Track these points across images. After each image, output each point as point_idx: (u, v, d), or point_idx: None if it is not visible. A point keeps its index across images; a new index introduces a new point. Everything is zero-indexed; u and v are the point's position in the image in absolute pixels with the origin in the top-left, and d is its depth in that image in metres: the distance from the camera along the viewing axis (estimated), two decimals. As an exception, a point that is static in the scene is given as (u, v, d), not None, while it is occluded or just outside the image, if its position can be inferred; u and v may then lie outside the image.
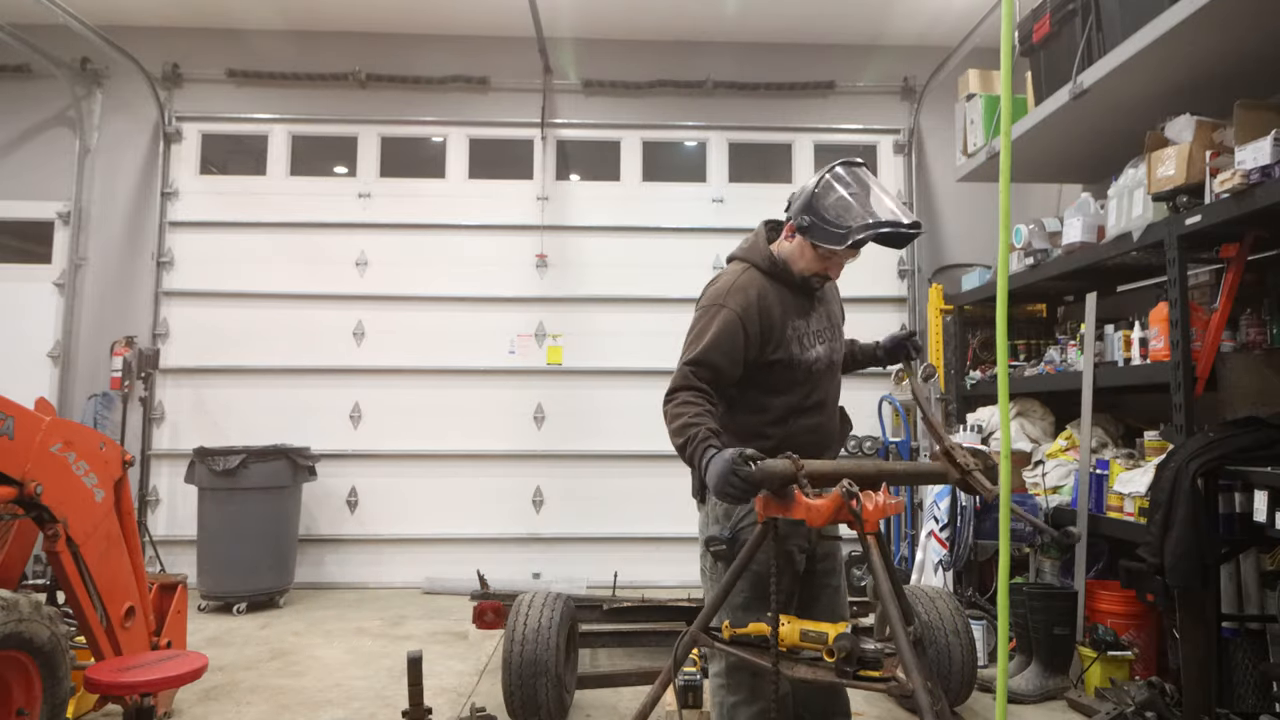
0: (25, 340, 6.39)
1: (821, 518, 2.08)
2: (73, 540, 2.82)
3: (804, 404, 2.44)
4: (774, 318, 2.37)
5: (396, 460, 6.45)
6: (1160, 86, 3.98)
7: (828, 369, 2.49)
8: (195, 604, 5.38)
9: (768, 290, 2.40)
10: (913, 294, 6.67)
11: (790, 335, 2.40)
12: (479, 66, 6.75)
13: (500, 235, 6.65)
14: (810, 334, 2.45)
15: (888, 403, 6.13)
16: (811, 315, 2.48)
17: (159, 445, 6.42)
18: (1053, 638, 3.81)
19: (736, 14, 6.38)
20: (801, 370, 2.41)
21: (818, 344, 2.46)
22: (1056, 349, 4.80)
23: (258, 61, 6.67)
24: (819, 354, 2.45)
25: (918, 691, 1.88)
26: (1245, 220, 3.30)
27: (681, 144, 7.03)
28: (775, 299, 2.40)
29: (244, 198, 6.66)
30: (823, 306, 2.55)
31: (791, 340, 2.40)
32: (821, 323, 2.51)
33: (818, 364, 2.44)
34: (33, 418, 2.75)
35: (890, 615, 1.99)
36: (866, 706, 3.69)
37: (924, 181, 6.86)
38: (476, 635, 4.67)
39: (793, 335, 2.41)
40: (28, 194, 6.53)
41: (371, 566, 6.37)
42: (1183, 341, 3.55)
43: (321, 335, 6.52)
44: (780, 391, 2.41)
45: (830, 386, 2.52)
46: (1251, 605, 3.40)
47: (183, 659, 2.95)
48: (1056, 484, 4.47)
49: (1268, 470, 2.97)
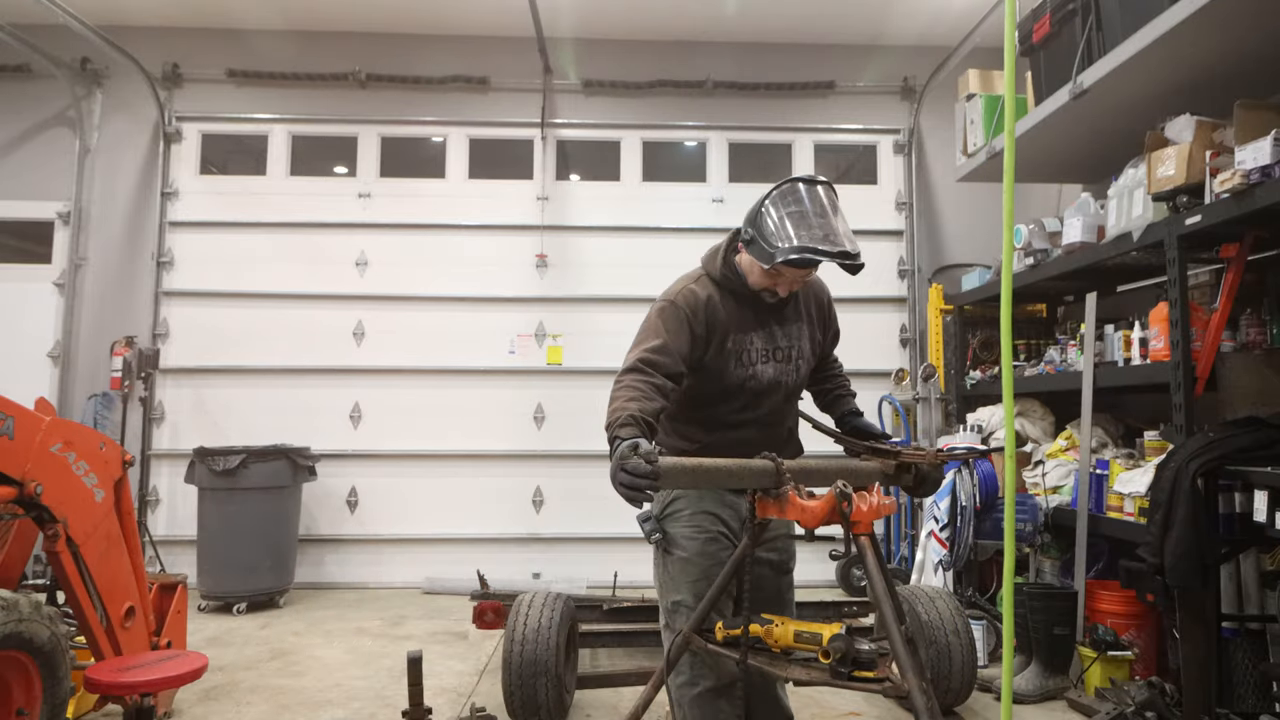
0: (25, 340, 6.39)
1: (815, 519, 2.09)
2: (73, 540, 2.81)
3: (735, 418, 2.43)
4: (716, 325, 2.36)
5: (396, 460, 6.45)
6: (1160, 86, 3.98)
7: (770, 389, 2.43)
8: (195, 604, 5.38)
9: (716, 298, 2.38)
10: (913, 294, 6.67)
11: (730, 349, 2.38)
12: (479, 66, 6.75)
13: (500, 235, 6.65)
14: (755, 350, 2.41)
15: (888, 403, 6.13)
16: (762, 332, 2.42)
17: (159, 445, 6.42)
18: (1053, 638, 3.81)
19: (736, 14, 6.38)
20: (733, 384, 2.39)
21: (761, 362, 2.41)
22: (1056, 349, 4.80)
23: (258, 61, 6.67)
24: (759, 372, 2.40)
25: (913, 692, 1.89)
26: (1245, 220, 3.29)
27: (681, 144, 7.03)
28: (722, 308, 2.38)
29: (244, 198, 6.66)
30: (787, 327, 2.48)
31: (730, 354, 2.38)
32: (776, 342, 2.45)
33: (753, 381, 2.40)
34: (33, 418, 2.75)
35: (885, 615, 1.99)
36: (867, 707, 3.69)
37: (924, 181, 6.85)
38: (476, 635, 4.67)
39: (732, 349, 2.38)
40: (28, 194, 6.53)
41: (371, 566, 6.37)
42: (1183, 341, 3.55)
43: (321, 335, 6.52)
44: (712, 400, 2.41)
45: (774, 405, 2.47)
46: (1251, 605, 3.40)
47: (183, 659, 2.95)
48: (1056, 484, 4.47)
49: (1268, 470, 2.97)
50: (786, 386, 2.48)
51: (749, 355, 2.40)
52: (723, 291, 2.41)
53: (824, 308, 2.61)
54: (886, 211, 6.81)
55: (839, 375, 2.75)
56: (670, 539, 2.45)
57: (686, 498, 2.46)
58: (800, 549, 2.67)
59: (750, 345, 2.41)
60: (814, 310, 2.57)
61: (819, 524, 2.09)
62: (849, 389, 2.72)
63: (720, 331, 2.37)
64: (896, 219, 6.80)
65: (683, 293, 2.38)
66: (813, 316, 2.56)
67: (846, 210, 2.39)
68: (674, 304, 2.36)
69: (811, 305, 2.57)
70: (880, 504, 2.14)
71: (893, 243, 6.77)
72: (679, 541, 2.44)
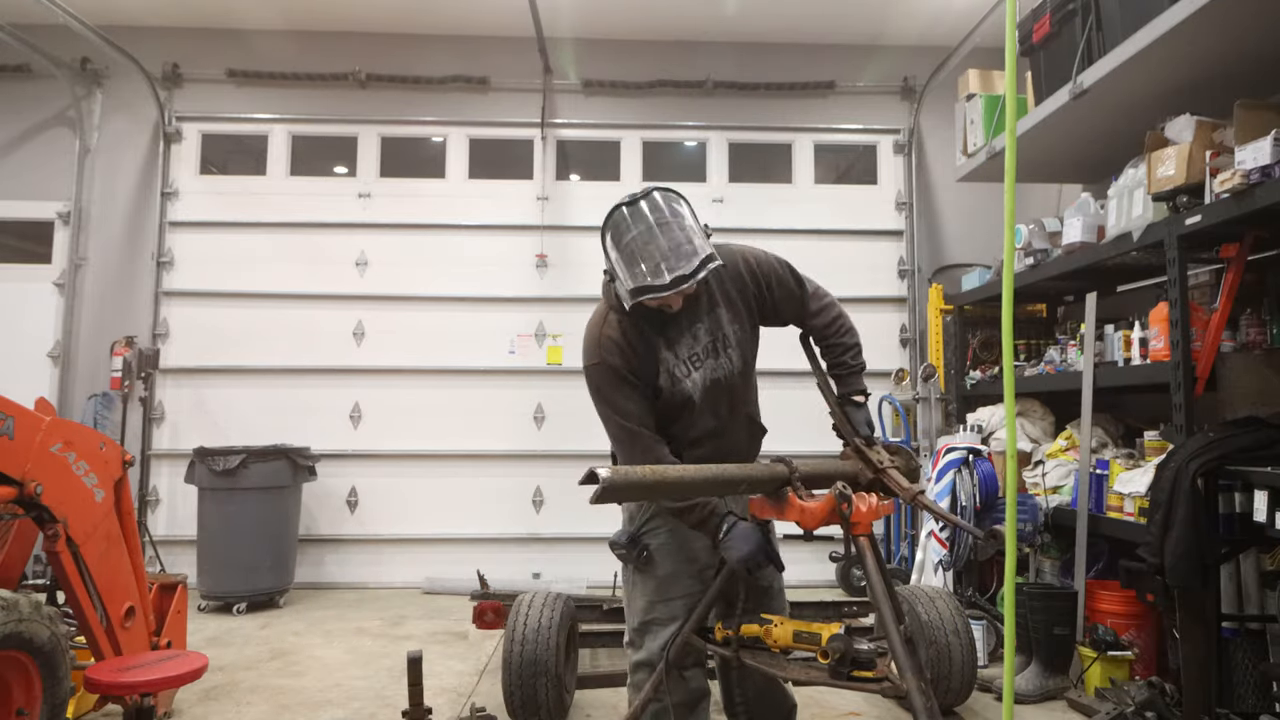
0: (25, 340, 6.39)
1: (815, 520, 2.10)
2: (73, 540, 2.81)
3: (689, 434, 2.43)
4: (641, 352, 2.33)
5: (396, 460, 6.45)
6: (1160, 86, 3.98)
7: (711, 391, 2.40)
8: (195, 604, 5.38)
9: (628, 328, 2.33)
10: (913, 294, 6.67)
11: (660, 370, 2.36)
12: (479, 66, 6.75)
13: (500, 235, 6.65)
14: (683, 361, 2.37)
15: (888, 403, 6.13)
16: (682, 340, 2.37)
17: (159, 445, 6.42)
18: (1053, 638, 3.81)
19: (736, 14, 6.38)
20: (679, 399, 2.37)
21: (693, 369, 2.38)
22: (1056, 349, 4.80)
23: (258, 61, 6.67)
24: (696, 380, 2.38)
25: (911, 692, 1.89)
26: (1245, 220, 3.29)
27: (681, 144, 7.03)
28: (637, 336, 2.33)
29: (244, 198, 6.66)
30: (705, 320, 2.40)
31: (661, 374, 2.36)
32: (699, 342, 2.39)
33: (694, 389, 2.37)
34: (33, 418, 2.75)
35: (884, 615, 2.00)
36: (867, 707, 3.69)
37: (924, 181, 6.85)
38: (476, 635, 4.67)
39: (662, 369, 2.36)
40: (28, 194, 6.53)
41: (371, 566, 6.37)
42: (1183, 341, 3.55)
43: (321, 335, 6.52)
44: (672, 420, 2.41)
45: (722, 404, 2.43)
46: (1251, 605, 3.40)
47: (183, 659, 2.95)
48: (1056, 484, 4.47)
49: (1268, 470, 2.96)
50: (728, 380, 2.42)
51: (680, 369, 2.38)
52: (630, 319, 2.33)
53: (743, 279, 2.43)
54: (886, 211, 6.80)
55: (838, 339, 2.51)
56: (649, 556, 2.43)
57: (664, 515, 2.45)
58: (800, 549, 2.66)
59: (676, 360, 2.37)
60: (732, 290, 2.43)
61: (818, 525, 2.10)
62: (851, 362, 2.50)
63: (646, 358, 2.34)
64: (896, 219, 6.79)
65: (602, 346, 2.32)
66: (732, 297, 2.42)
67: (846, 210, 2.38)
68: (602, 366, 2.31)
69: (728, 285, 2.42)
70: (879, 505, 2.15)
71: (893, 243, 6.77)
72: (657, 559, 2.43)
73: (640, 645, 2.45)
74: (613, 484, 1.86)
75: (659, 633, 2.42)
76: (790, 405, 4.51)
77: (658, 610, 2.42)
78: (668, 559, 2.43)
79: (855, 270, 6.56)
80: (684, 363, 2.37)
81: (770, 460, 2.22)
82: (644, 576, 2.45)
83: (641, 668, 2.45)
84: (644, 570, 2.45)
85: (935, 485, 4.62)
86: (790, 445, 2.91)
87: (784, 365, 3.54)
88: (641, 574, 2.46)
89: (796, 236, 6.56)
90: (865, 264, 6.66)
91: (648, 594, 2.44)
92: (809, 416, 3.88)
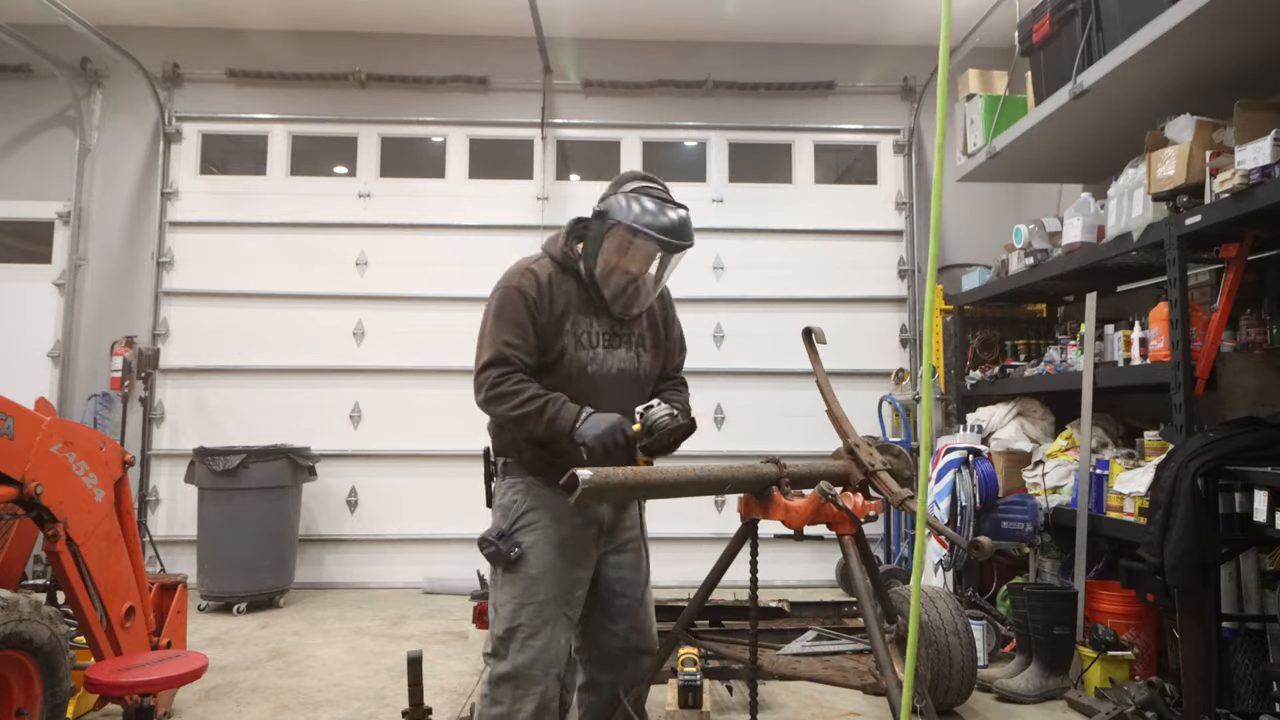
0: (25, 340, 6.39)
1: (800, 519, 2.11)
2: (73, 540, 2.82)
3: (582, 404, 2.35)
4: (556, 305, 2.35)
5: (397, 460, 6.45)
6: (1160, 86, 3.98)
7: (617, 379, 2.40)
8: (195, 604, 5.38)
9: (555, 276, 2.38)
10: (913, 294, 6.67)
11: (567, 329, 2.36)
12: (479, 66, 6.75)
13: (500, 235, 6.64)
14: (595, 334, 2.39)
15: (888, 403, 6.12)
16: (603, 318, 2.41)
17: (159, 445, 6.42)
18: (1053, 638, 3.81)
19: (736, 14, 6.38)
20: (574, 367, 2.35)
21: (605, 346, 2.39)
22: (1056, 349, 4.80)
23: (258, 61, 6.67)
24: (602, 357, 2.38)
25: (890, 690, 1.90)
26: (1245, 220, 3.29)
27: (681, 144, 7.03)
28: (561, 288, 2.37)
29: (244, 198, 6.66)
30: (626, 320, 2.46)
31: (567, 334, 2.35)
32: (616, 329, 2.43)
33: (592, 365, 2.37)
34: (33, 418, 2.75)
35: (866, 614, 2.01)
36: (867, 707, 3.69)
37: (924, 181, 6.85)
38: (476, 635, 4.67)
39: (570, 330, 2.36)
40: (28, 194, 6.53)
41: (371, 566, 6.37)
42: (1183, 341, 3.55)
43: (321, 335, 6.52)
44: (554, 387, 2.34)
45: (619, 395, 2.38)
46: (1251, 605, 3.40)
47: (183, 659, 2.95)
48: (1056, 484, 4.47)
49: (1268, 470, 2.97)
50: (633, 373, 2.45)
51: (589, 338, 2.38)
52: (564, 272, 2.40)
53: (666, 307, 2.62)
54: (886, 211, 6.80)
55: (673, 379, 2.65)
56: (521, 555, 2.31)
57: (540, 510, 2.36)
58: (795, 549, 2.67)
59: (590, 328, 2.39)
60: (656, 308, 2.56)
61: (803, 523, 2.11)
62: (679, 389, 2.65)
63: (560, 313, 2.35)
64: (896, 219, 6.79)
65: (524, 274, 2.36)
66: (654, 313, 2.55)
67: (846, 210, 2.41)
68: (517, 290, 2.33)
69: (654, 303, 2.54)
70: (863, 504, 2.16)
71: (893, 243, 6.76)
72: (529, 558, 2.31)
73: (504, 655, 2.27)
74: (593, 485, 1.89)
75: (527, 644, 2.25)
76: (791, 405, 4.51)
77: (524, 615, 2.26)
78: (539, 559, 2.31)
79: (855, 270, 6.54)
80: (600, 335, 2.40)
81: (762, 460, 2.23)
82: (512, 577, 2.31)
83: (504, 681, 2.26)
84: (513, 570, 2.31)
85: (935, 485, 4.62)
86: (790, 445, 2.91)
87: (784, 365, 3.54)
88: (510, 574, 2.32)
89: (796, 236, 6.56)
90: (865, 264, 6.64)
91: (516, 596, 2.29)
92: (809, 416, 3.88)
